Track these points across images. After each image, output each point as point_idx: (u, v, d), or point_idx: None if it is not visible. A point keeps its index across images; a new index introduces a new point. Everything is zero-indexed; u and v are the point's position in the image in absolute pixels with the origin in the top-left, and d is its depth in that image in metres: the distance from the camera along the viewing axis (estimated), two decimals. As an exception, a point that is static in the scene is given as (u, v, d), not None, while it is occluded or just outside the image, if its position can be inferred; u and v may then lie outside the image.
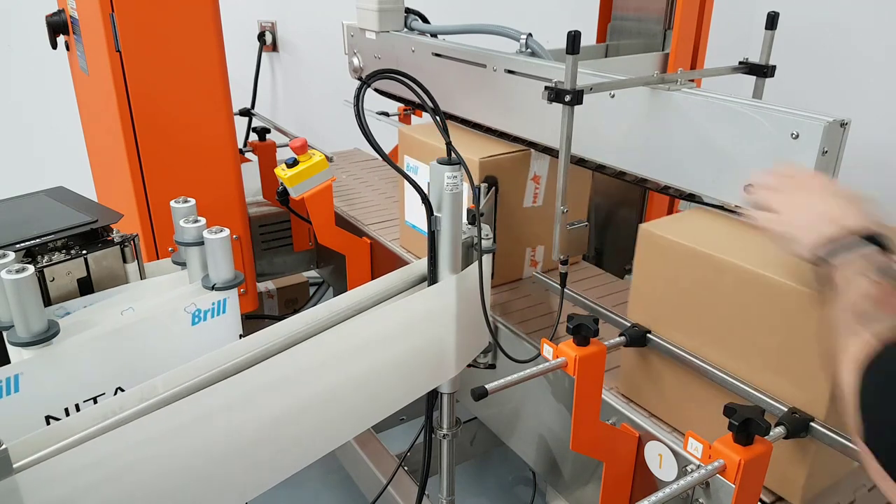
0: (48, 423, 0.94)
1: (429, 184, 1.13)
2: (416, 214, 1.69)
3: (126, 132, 1.67)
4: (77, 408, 0.97)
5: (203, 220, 1.10)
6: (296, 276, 2.60)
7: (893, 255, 0.78)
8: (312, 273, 2.54)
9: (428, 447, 1.36)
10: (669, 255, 1.09)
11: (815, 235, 0.82)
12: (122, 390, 1.00)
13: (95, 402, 0.98)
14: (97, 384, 0.98)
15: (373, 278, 1.15)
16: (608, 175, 1.35)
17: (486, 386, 1.00)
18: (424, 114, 1.91)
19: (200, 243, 1.08)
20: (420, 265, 1.21)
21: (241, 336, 1.14)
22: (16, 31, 2.63)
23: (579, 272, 1.69)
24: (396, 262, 1.76)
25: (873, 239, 0.79)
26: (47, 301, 1.02)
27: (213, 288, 1.07)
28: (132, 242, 1.11)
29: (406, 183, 1.74)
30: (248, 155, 2.23)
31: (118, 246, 1.09)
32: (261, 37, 2.95)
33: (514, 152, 1.50)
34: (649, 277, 1.15)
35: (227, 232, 1.07)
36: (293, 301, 2.62)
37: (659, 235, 1.11)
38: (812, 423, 0.94)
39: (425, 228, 1.13)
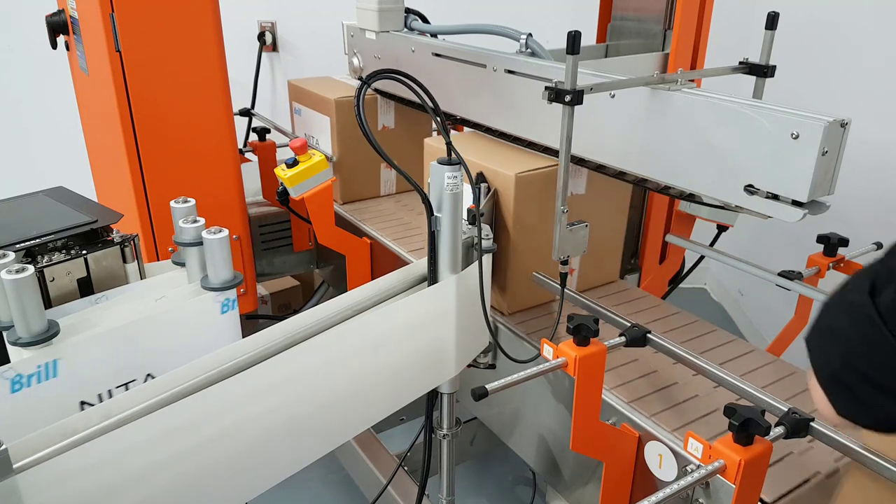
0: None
1: (429, 183, 1.13)
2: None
3: (126, 132, 1.66)
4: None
5: (202, 221, 1.09)
6: (288, 280, 2.61)
7: None
8: (311, 274, 2.54)
9: (428, 447, 1.36)
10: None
11: None
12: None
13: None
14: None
15: (373, 278, 1.15)
16: (608, 175, 1.35)
17: (487, 386, 1.00)
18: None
19: (200, 243, 1.08)
20: (420, 265, 1.21)
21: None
22: (16, 31, 2.63)
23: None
24: (396, 262, 1.76)
25: None
26: (47, 301, 1.02)
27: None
28: (132, 242, 1.11)
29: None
30: (248, 155, 2.23)
31: (118, 246, 1.09)
32: (261, 37, 2.95)
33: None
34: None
35: (225, 232, 1.06)
36: (286, 306, 2.63)
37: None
38: (812, 423, 0.94)
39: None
